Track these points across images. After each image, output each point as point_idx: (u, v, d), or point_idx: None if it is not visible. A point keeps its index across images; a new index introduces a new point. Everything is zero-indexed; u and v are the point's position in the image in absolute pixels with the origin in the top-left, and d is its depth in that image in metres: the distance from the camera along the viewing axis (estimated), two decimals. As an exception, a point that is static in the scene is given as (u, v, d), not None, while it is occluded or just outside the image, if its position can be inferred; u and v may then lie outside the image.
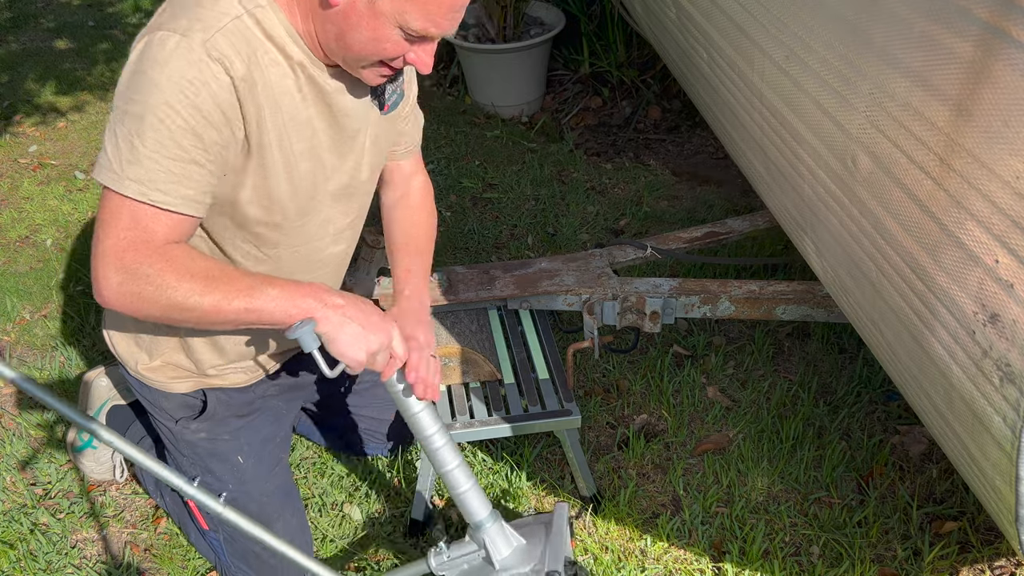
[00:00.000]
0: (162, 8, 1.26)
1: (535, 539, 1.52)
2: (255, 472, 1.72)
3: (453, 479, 1.49)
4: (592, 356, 2.37)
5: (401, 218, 1.71)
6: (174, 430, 1.69)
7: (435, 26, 1.24)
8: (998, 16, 0.97)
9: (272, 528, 1.73)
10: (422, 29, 1.23)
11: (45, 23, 4.85)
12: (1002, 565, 1.80)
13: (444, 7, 1.22)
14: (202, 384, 1.64)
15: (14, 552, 1.94)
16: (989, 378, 1.06)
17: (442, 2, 1.21)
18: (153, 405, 1.68)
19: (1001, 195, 0.98)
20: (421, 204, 1.73)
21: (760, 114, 1.67)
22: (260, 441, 1.73)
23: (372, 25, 1.22)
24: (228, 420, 1.69)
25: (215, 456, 1.70)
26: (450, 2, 1.22)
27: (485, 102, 3.69)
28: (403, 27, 1.22)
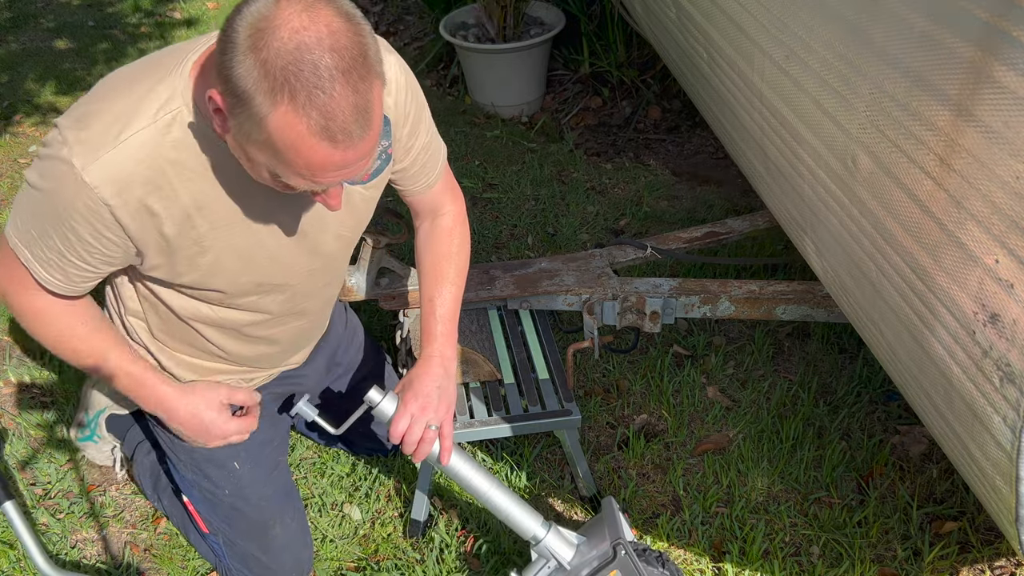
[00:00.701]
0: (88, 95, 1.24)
1: (595, 532, 1.57)
2: (252, 476, 1.72)
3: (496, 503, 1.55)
4: (592, 356, 2.37)
5: (428, 248, 1.65)
6: (169, 437, 1.69)
7: (314, 183, 1.11)
8: (998, 16, 0.97)
9: (270, 532, 1.74)
10: (300, 185, 1.12)
11: (45, 23, 4.85)
12: (1002, 565, 1.80)
13: (319, 168, 1.08)
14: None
15: (14, 552, 1.94)
16: (989, 378, 1.05)
17: (315, 165, 1.07)
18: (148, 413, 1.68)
19: (1001, 195, 0.98)
20: (450, 231, 1.64)
21: (760, 114, 1.67)
22: (257, 445, 1.73)
23: (252, 167, 1.15)
24: None
25: (211, 462, 1.69)
26: (325, 164, 1.07)
27: (485, 102, 3.69)
28: (278, 179, 1.13)
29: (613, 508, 1.59)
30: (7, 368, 2.47)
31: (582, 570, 1.51)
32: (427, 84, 4.01)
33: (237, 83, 1.03)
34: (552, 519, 1.96)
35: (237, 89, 1.03)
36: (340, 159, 1.07)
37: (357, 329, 1.98)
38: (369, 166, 1.16)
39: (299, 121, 1.02)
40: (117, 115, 1.18)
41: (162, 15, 4.90)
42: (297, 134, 1.03)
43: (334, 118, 1.03)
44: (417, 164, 1.52)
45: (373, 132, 1.08)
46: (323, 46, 1.01)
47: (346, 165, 1.09)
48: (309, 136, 1.04)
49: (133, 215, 1.22)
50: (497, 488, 1.54)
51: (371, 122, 1.07)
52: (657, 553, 1.51)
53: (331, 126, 1.03)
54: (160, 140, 1.19)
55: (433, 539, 1.92)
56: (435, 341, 1.57)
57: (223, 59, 1.04)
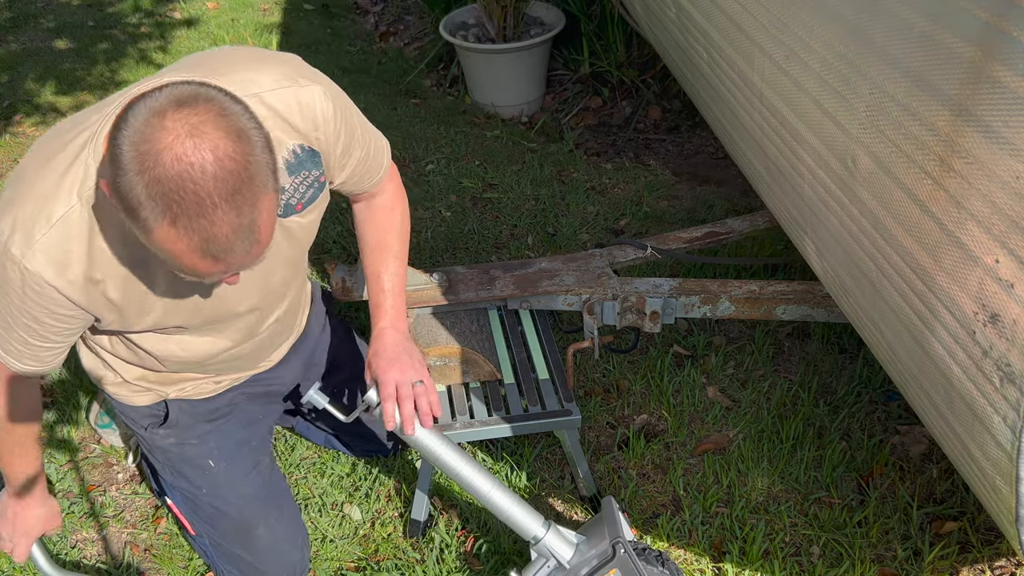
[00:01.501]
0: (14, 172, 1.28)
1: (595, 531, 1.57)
2: (228, 476, 1.72)
3: (494, 503, 1.54)
4: (592, 356, 2.37)
5: (370, 223, 1.65)
6: (145, 436, 1.71)
7: (207, 276, 1.14)
8: (998, 16, 0.97)
9: (253, 533, 1.73)
10: (194, 276, 1.15)
11: (45, 23, 4.85)
12: (1002, 565, 1.80)
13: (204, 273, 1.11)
14: (162, 396, 1.67)
15: (14, 552, 1.94)
16: (989, 378, 1.05)
17: (197, 271, 1.10)
18: (123, 414, 1.71)
19: (1001, 195, 0.98)
20: (391, 205, 1.65)
21: (760, 114, 1.67)
22: (233, 445, 1.74)
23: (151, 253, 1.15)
24: (195, 426, 1.71)
25: (185, 461, 1.71)
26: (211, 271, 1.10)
27: (485, 102, 3.69)
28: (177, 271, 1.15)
29: (613, 508, 1.59)
30: (7, 368, 2.47)
31: (581, 569, 1.50)
32: (427, 84, 4.02)
33: (124, 195, 1.04)
34: (552, 519, 1.96)
35: (124, 201, 1.05)
36: (225, 268, 1.11)
37: (338, 330, 1.98)
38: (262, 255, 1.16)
39: (180, 240, 1.05)
40: (41, 198, 1.21)
41: (162, 15, 4.90)
42: (179, 250, 1.07)
43: (215, 241, 1.06)
44: (357, 175, 1.53)
45: (260, 242, 1.11)
46: (207, 175, 1.02)
47: (228, 270, 1.13)
48: (190, 253, 1.07)
49: (80, 290, 1.26)
50: (497, 488, 1.54)
51: (257, 236, 1.10)
52: (657, 552, 1.51)
53: (212, 247, 1.06)
54: (88, 215, 1.22)
55: (433, 539, 1.92)
56: (386, 315, 1.59)
57: (111, 166, 1.05)
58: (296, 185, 1.40)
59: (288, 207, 1.41)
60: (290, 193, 1.40)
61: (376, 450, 2.08)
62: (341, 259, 2.81)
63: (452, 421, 1.83)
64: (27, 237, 1.21)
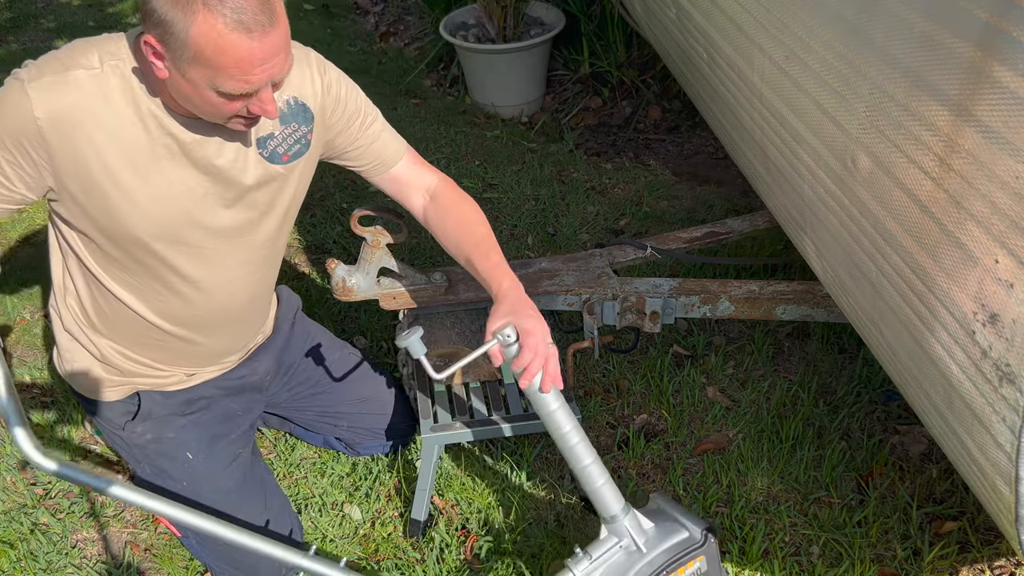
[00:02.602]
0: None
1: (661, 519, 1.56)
2: (207, 468, 1.73)
3: (588, 475, 1.51)
4: (592, 356, 2.37)
5: (445, 217, 1.70)
6: (123, 437, 1.71)
7: (247, 84, 1.25)
8: (998, 16, 0.97)
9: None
10: (236, 89, 1.26)
11: (45, 23, 4.85)
12: (1002, 565, 1.80)
13: (245, 64, 1.23)
14: (134, 388, 1.68)
15: (14, 552, 1.94)
16: (989, 378, 1.06)
17: (239, 61, 1.22)
18: (99, 418, 1.72)
19: (1001, 195, 0.98)
20: (456, 199, 1.72)
21: (760, 114, 1.67)
22: (209, 438, 1.74)
23: (196, 93, 1.28)
24: (170, 419, 1.71)
25: (164, 455, 1.71)
26: (250, 58, 1.22)
27: (485, 102, 3.69)
28: (219, 91, 1.26)
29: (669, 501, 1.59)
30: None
31: (658, 552, 1.50)
32: (427, 84, 4.02)
33: (159, 11, 1.19)
34: (552, 519, 1.96)
35: (160, 18, 1.19)
36: (259, 50, 1.22)
37: (311, 329, 1.99)
38: (285, 68, 1.29)
39: (216, 21, 1.18)
40: (66, 57, 1.33)
41: (162, 15, 4.89)
42: (218, 34, 1.19)
43: (244, 11, 1.18)
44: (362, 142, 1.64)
45: (279, 24, 1.23)
46: None
47: (267, 58, 1.23)
48: (228, 33, 1.19)
49: (57, 137, 1.31)
50: (596, 463, 1.51)
51: (275, 13, 1.22)
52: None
53: (244, 19, 1.19)
54: (101, 81, 1.32)
55: (433, 539, 1.92)
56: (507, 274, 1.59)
57: (144, 5, 1.21)
58: (285, 136, 1.52)
59: (275, 155, 1.52)
60: (279, 141, 1.51)
61: (374, 449, 2.07)
62: (341, 259, 2.81)
63: (452, 421, 1.83)
64: (40, 73, 1.30)
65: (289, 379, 1.92)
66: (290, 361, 1.91)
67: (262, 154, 1.50)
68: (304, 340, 1.95)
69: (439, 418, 1.85)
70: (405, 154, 1.71)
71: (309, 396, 1.95)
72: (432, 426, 1.82)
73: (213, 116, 1.34)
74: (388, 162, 1.69)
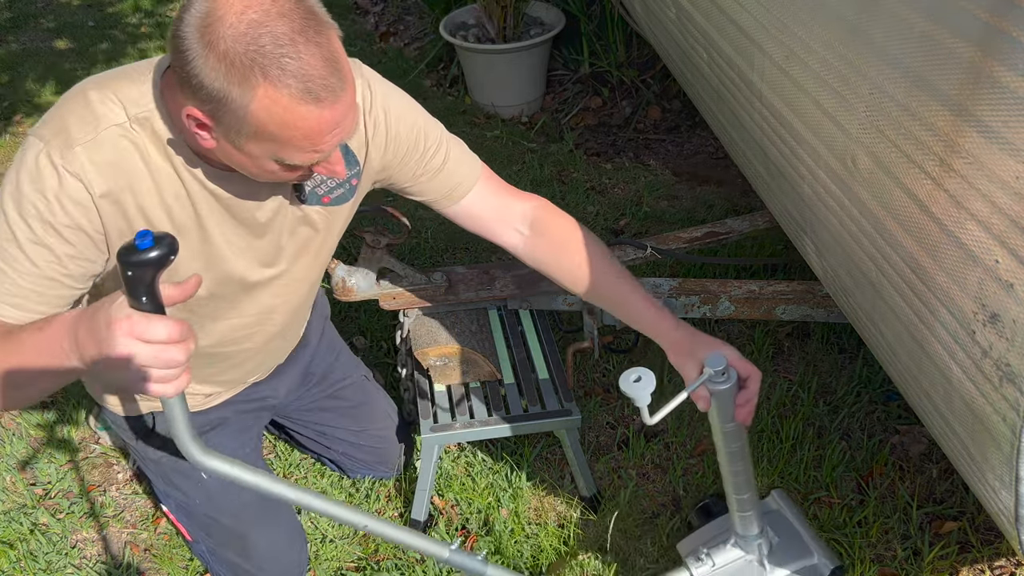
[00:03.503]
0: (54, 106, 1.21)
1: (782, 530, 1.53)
2: (222, 486, 1.68)
3: (742, 503, 1.48)
4: (592, 356, 2.37)
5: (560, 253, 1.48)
6: (137, 448, 1.68)
7: (317, 153, 1.12)
8: (998, 16, 0.97)
9: (249, 540, 1.71)
10: (304, 160, 1.13)
11: (45, 23, 4.85)
12: (1002, 565, 1.80)
13: (315, 135, 1.08)
14: (149, 408, 1.63)
15: (14, 552, 1.94)
16: (989, 378, 1.05)
17: (309, 133, 1.07)
18: (114, 424, 1.69)
19: (1001, 195, 0.98)
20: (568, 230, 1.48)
21: (760, 114, 1.67)
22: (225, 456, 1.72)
23: (253, 164, 1.15)
24: None
25: (178, 472, 1.68)
26: (319, 128, 1.07)
27: (485, 102, 3.69)
28: (282, 163, 1.13)
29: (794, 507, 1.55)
30: (7, 368, 2.47)
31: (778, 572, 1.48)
32: (427, 84, 4.01)
33: (209, 87, 1.03)
34: (552, 519, 1.96)
35: (211, 93, 1.04)
36: (330, 117, 1.07)
37: (336, 341, 1.96)
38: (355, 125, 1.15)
39: (280, 95, 1.03)
40: (89, 112, 1.17)
41: (162, 15, 4.90)
42: (283, 108, 1.04)
43: (311, 78, 1.03)
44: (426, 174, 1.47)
45: (349, 82, 1.09)
46: (271, 16, 1.02)
47: (337, 123, 1.09)
48: (295, 105, 1.04)
49: (109, 206, 1.19)
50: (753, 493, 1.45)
51: (343, 71, 1.07)
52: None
53: (311, 86, 1.04)
54: (134, 138, 1.18)
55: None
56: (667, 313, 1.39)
57: (185, 71, 1.04)
58: (326, 178, 1.37)
59: (313, 195, 1.38)
60: (317, 182, 1.37)
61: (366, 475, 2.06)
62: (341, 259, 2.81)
63: (452, 421, 1.83)
64: (69, 144, 1.14)
65: (305, 391, 1.88)
66: (313, 374, 1.87)
67: (299, 197, 1.37)
68: (329, 352, 1.91)
69: (439, 418, 1.84)
70: (478, 181, 1.49)
71: (315, 410, 1.92)
72: (432, 426, 1.82)
73: (268, 180, 1.21)
74: (455, 193, 1.48)
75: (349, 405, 1.94)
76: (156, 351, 0.98)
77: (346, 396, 1.93)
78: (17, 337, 1.12)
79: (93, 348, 1.02)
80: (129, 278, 0.97)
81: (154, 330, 0.98)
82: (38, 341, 1.10)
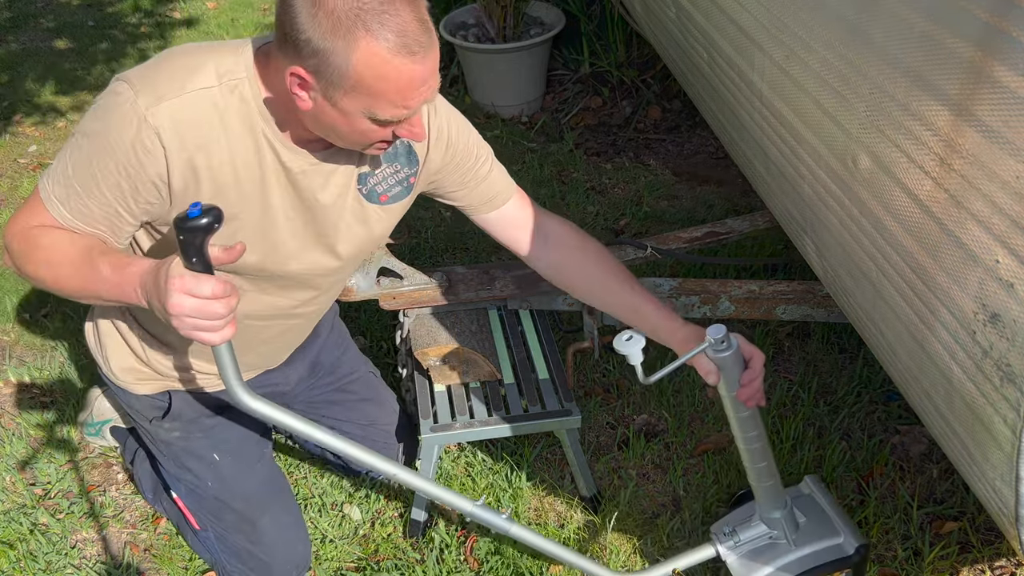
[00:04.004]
0: (150, 60, 1.32)
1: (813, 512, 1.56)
2: (234, 469, 1.72)
3: (760, 473, 1.52)
4: (592, 356, 2.36)
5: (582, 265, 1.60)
6: (149, 429, 1.71)
7: (405, 108, 1.22)
8: (998, 16, 0.97)
9: (259, 525, 1.73)
10: (394, 115, 1.22)
11: (45, 23, 4.85)
12: (1002, 565, 1.80)
13: (406, 89, 1.19)
14: (166, 387, 1.66)
15: (14, 552, 1.94)
16: (989, 378, 1.05)
17: (401, 87, 1.18)
18: (127, 406, 1.71)
19: (1001, 195, 0.98)
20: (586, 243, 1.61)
21: (760, 114, 1.67)
22: (237, 439, 1.74)
23: (347, 122, 1.23)
24: (199, 420, 1.70)
25: (190, 454, 1.71)
26: (411, 82, 1.18)
27: (485, 102, 3.68)
28: (374, 119, 1.22)
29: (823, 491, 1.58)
30: (7, 368, 2.47)
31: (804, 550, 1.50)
32: (427, 84, 4.01)
33: (315, 43, 1.14)
34: (552, 519, 1.96)
35: (316, 48, 1.14)
36: (421, 72, 1.18)
37: (344, 335, 1.99)
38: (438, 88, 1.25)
39: (380, 47, 1.13)
40: (182, 71, 1.26)
41: (162, 15, 4.90)
42: (381, 60, 1.14)
43: (407, 33, 1.14)
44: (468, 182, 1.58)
45: (436, 43, 1.20)
46: None
47: (425, 80, 1.20)
48: (392, 57, 1.15)
49: (182, 167, 1.26)
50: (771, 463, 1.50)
51: (432, 33, 1.19)
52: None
53: (407, 42, 1.15)
54: (220, 101, 1.26)
55: (433, 539, 1.92)
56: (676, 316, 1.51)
57: (292, 32, 1.15)
58: (387, 175, 1.47)
59: (373, 193, 1.47)
60: (379, 179, 1.47)
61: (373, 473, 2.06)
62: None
63: (452, 421, 1.83)
64: (157, 95, 1.23)
65: (315, 382, 1.91)
66: (321, 364, 1.90)
67: (360, 190, 1.45)
68: (338, 346, 1.94)
69: (439, 418, 1.84)
70: (515, 194, 1.65)
71: (324, 404, 1.93)
72: (432, 426, 1.82)
73: (354, 144, 1.30)
74: (495, 200, 1.62)
75: (357, 399, 1.95)
76: (202, 304, 1.13)
77: (354, 390, 1.95)
78: (98, 266, 1.26)
79: (156, 299, 1.18)
80: (182, 241, 1.13)
81: (201, 287, 1.13)
82: (116, 279, 1.25)
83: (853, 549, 1.49)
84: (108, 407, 2.08)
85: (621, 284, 1.56)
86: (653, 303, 1.52)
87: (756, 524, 1.55)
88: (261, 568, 1.76)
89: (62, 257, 1.28)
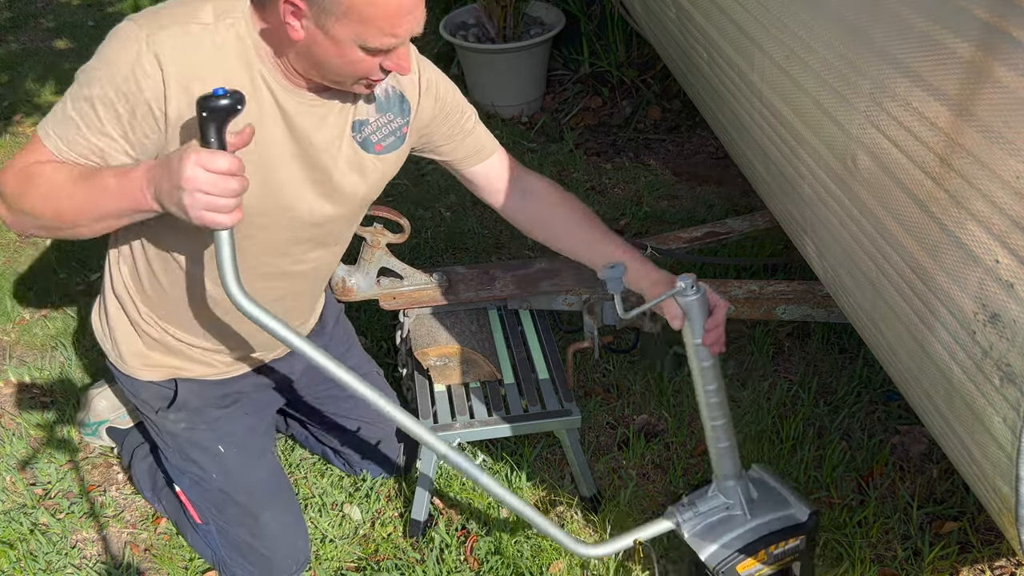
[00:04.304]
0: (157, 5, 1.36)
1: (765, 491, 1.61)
2: (239, 461, 1.73)
3: (718, 433, 1.56)
4: (592, 356, 2.36)
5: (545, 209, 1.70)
6: (155, 420, 1.72)
7: (393, 36, 1.27)
8: (998, 16, 0.97)
9: (261, 518, 1.74)
10: (383, 44, 1.27)
11: (45, 23, 4.85)
12: (1002, 565, 1.80)
13: (394, 16, 1.25)
14: (172, 374, 1.67)
15: (14, 552, 1.94)
16: (989, 378, 1.05)
17: (389, 14, 1.24)
18: (133, 395, 1.71)
19: (1001, 195, 0.98)
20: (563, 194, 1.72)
21: (760, 114, 1.67)
22: (243, 431, 1.75)
23: (337, 51, 1.28)
24: (205, 410, 1.71)
25: (195, 445, 1.72)
26: (397, 6, 1.24)
27: (485, 102, 3.68)
28: (364, 47, 1.27)
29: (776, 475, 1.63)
30: (7, 368, 2.47)
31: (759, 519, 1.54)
32: (427, 84, 4.02)
33: None
34: (552, 519, 1.96)
35: None
36: (408, 1, 1.24)
37: (350, 331, 2.00)
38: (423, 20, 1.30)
39: None
40: (184, 9, 1.31)
41: (162, 15, 4.90)
42: None
43: None
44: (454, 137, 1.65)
45: None
46: None
47: (411, 10, 1.26)
48: None
49: (178, 93, 1.28)
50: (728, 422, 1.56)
51: None
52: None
53: None
54: (218, 39, 1.31)
55: (433, 539, 1.92)
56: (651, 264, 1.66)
57: None
58: (380, 124, 1.51)
59: (368, 142, 1.51)
60: (373, 128, 1.51)
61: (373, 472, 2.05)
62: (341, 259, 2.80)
63: (452, 421, 1.83)
64: (160, 26, 1.28)
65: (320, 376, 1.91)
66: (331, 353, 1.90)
67: (355, 138, 1.49)
68: (343, 342, 1.95)
69: (439, 418, 1.84)
70: (498, 150, 1.73)
71: (327, 399, 1.94)
72: (432, 426, 1.82)
73: (344, 77, 1.34)
74: (481, 153, 1.69)
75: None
76: (216, 179, 1.16)
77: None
78: (100, 179, 1.27)
79: (166, 182, 1.18)
80: (203, 119, 1.17)
81: (217, 161, 1.16)
82: (121, 184, 1.25)
83: (806, 516, 1.54)
84: (105, 408, 2.08)
85: (601, 235, 1.66)
86: (630, 252, 1.64)
87: (714, 495, 1.59)
88: (261, 562, 1.76)
89: (60, 187, 1.29)
